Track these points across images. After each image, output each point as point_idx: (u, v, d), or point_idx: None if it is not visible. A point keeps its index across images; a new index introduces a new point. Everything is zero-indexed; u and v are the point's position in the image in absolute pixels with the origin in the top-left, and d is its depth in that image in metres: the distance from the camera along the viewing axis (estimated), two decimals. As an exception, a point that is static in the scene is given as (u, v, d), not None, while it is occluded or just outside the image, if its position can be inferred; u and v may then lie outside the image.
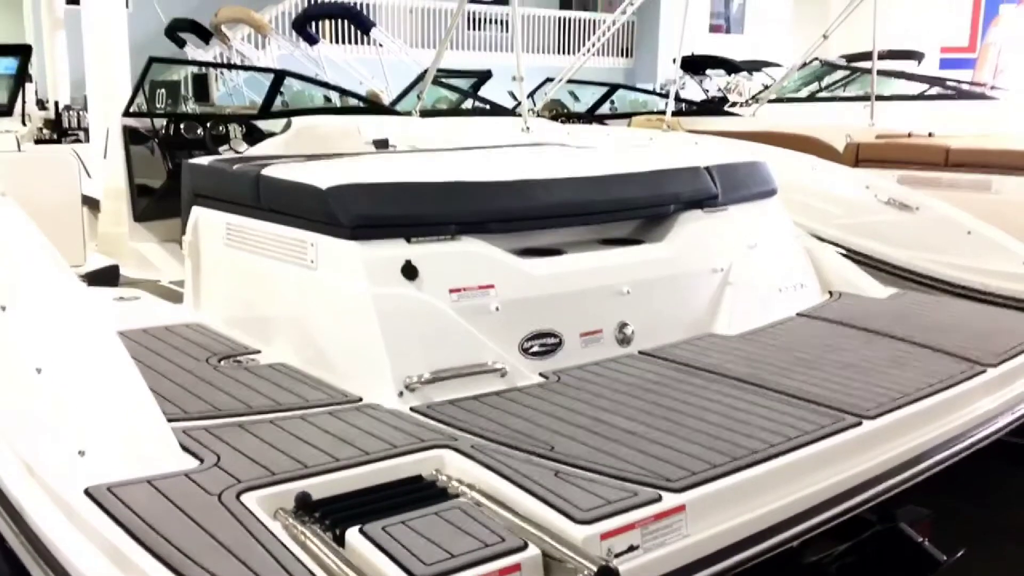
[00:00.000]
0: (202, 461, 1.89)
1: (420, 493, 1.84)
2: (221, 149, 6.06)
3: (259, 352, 2.73)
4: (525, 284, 2.65)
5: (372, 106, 6.32)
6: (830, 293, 3.71)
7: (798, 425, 2.20)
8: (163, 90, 6.80)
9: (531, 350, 2.62)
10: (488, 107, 6.87)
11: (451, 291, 2.51)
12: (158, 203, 5.99)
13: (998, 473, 3.43)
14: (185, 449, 1.93)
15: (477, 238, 2.65)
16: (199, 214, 3.11)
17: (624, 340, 2.83)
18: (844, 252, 4.71)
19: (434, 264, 2.51)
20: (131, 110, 6.20)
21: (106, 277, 4.14)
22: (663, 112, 9.00)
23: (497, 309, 2.55)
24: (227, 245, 2.95)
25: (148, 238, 6.38)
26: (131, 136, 6.17)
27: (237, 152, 6.21)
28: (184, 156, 6.16)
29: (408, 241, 2.52)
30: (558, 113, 8.71)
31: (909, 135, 6.05)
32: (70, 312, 2.07)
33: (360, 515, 1.69)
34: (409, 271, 2.46)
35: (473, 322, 2.51)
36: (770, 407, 2.33)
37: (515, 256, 2.70)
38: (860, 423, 2.25)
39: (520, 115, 6.54)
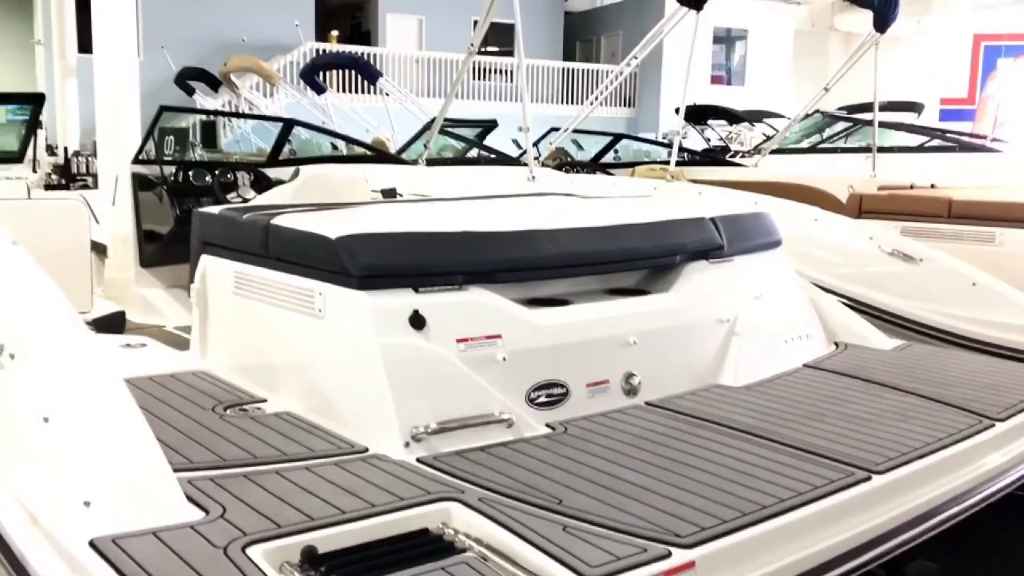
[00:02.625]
0: (207, 512, 1.88)
1: (427, 547, 1.82)
2: (229, 196, 6.12)
3: (265, 401, 2.72)
4: (532, 334, 2.65)
5: (379, 154, 6.39)
6: (835, 344, 3.71)
7: (807, 479, 2.19)
8: (171, 137, 6.88)
9: (538, 400, 2.62)
10: (493, 156, 6.95)
11: (458, 341, 2.51)
12: (165, 249, 6.03)
13: (1008, 527, 3.39)
14: (191, 500, 1.92)
15: (484, 288, 2.66)
16: (208, 263, 3.12)
17: (631, 391, 2.82)
18: (848, 302, 4.72)
19: (441, 314, 2.52)
20: (140, 157, 6.26)
21: (112, 324, 4.15)
22: (666, 162, 9.11)
23: (504, 359, 2.55)
24: (235, 294, 2.96)
25: (154, 284, 6.42)
26: (140, 183, 6.23)
27: (245, 199, 6.28)
28: (192, 203, 6.23)
29: (416, 291, 2.53)
30: (562, 162, 8.80)
31: (911, 186, 6.10)
32: (78, 361, 2.08)
33: (366, 570, 1.67)
34: (417, 321, 2.47)
35: (480, 372, 2.51)
36: (778, 460, 2.31)
37: (522, 306, 2.70)
38: (869, 478, 2.24)
39: (525, 164, 6.61)
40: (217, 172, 6.30)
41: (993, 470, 2.58)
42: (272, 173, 7.05)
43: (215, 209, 3.26)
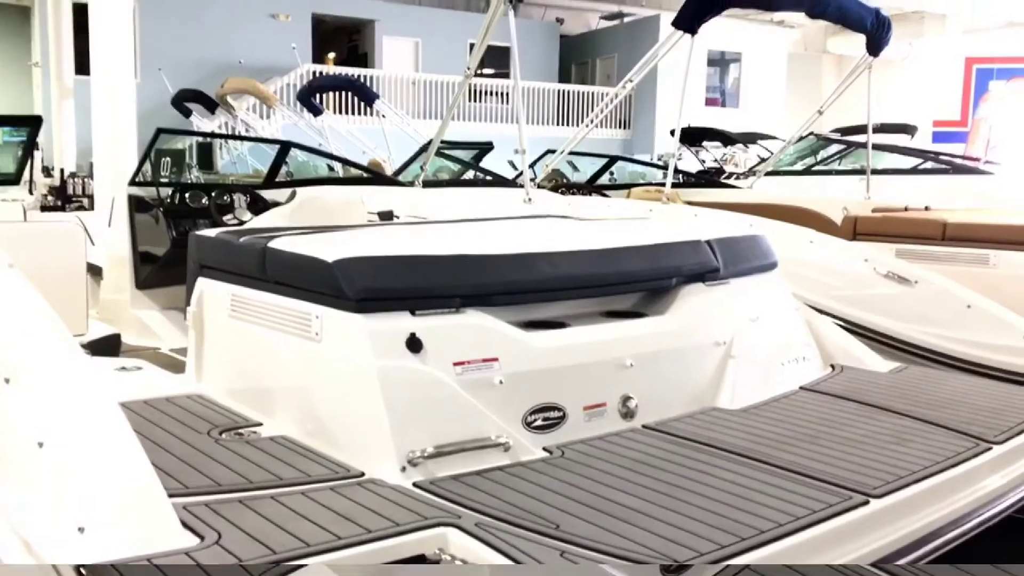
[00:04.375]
0: (203, 539, 1.87)
1: (424, 574, 1.81)
2: (226, 218, 6.13)
3: (261, 425, 2.71)
4: (529, 357, 2.65)
5: (376, 176, 6.41)
6: (832, 366, 3.71)
7: (805, 503, 2.18)
8: (168, 159, 6.89)
9: (534, 424, 2.61)
10: (489, 177, 6.96)
11: (455, 364, 2.51)
12: (160, 271, 6.01)
13: (1006, 550, 3.38)
14: (185, 526, 1.90)
15: (482, 311, 2.66)
16: (204, 286, 3.12)
17: (627, 413, 2.81)
18: (844, 324, 4.71)
19: (438, 337, 2.52)
20: (137, 179, 6.25)
21: (108, 346, 4.14)
22: (662, 184, 9.12)
23: (501, 383, 2.55)
24: (232, 317, 2.95)
25: (149, 305, 6.40)
26: (136, 204, 6.22)
27: (241, 221, 6.29)
28: (188, 225, 6.23)
29: (413, 314, 2.53)
30: (558, 183, 8.84)
31: (906, 208, 6.13)
32: (73, 386, 2.07)
33: None
34: (413, 344, 2.46)
35: (477, 395, 2.51)
36: (776, 484, 2.31)
37: (519, 329, 2.70)
38: (867, 502, 2.23)
39: (521, 185, 6.62)
40: (213, 194, 6.32)
41: (991, 493, 2.58)
42: (269, 195, 7.06)
43: (212, 232, 3.26)
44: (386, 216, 5.82)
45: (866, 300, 4.67)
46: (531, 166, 8.86)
